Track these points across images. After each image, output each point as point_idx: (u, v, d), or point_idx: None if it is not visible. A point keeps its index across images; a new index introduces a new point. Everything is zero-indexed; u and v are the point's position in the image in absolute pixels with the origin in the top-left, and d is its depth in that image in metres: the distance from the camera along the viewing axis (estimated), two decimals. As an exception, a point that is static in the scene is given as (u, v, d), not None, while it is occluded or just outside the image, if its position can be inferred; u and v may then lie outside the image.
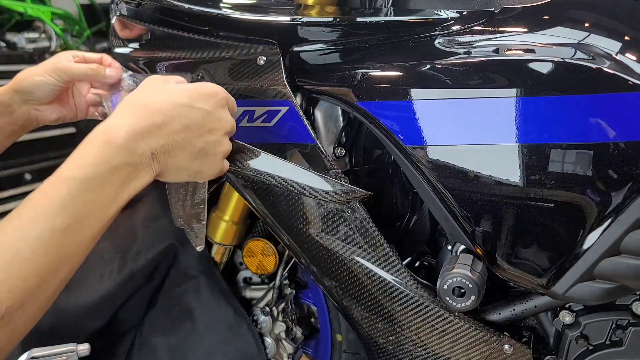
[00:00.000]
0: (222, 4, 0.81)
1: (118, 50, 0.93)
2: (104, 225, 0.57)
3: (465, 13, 0.73)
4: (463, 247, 0.79)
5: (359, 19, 0.78)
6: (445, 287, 0.75)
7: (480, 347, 0.79)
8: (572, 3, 0.72)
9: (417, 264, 1.01)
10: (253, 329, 1.01)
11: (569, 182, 0.68)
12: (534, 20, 0.70)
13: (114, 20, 0.94)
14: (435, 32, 0.73)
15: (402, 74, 0.73)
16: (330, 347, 1.05)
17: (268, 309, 1.05)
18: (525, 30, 0.70)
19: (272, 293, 1.05)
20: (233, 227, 1.01)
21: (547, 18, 0.70)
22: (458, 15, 0.73)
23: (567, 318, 0.81)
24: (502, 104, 0.68)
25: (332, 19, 0.78)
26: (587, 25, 0.69)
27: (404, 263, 0.82)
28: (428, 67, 0.71)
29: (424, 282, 0.83)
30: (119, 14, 0.92)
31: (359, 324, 0.86)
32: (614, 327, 0.79)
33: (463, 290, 0.74)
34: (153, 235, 1.00)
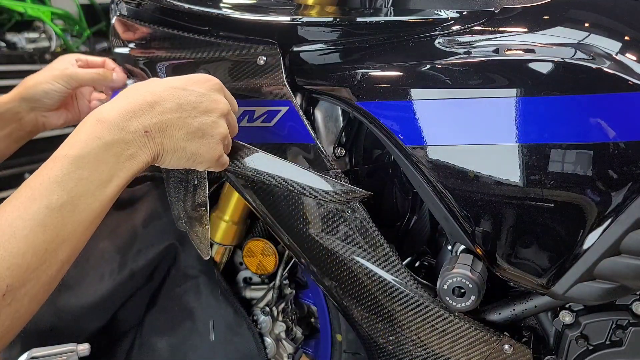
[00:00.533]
0: (222, 4, 0.81)
1: (118, 50, 0.93)
2: (103, 207, 0.57)
3: (465, 13, 0.73)
4: (463, 247, 0.79)
5: (359, 19, 0.78)
6: (445, 287, 0.75)
7: (480, 347, 0.79)
8: (572, 3, 0.72)
9: (417, 264, 1.01)
10: (253, 329, 1.01)
11: (569, 182, 0.68)
12: (534, 20, 0.70)
13: (114, 20, 0.94)
14: (435, 32, 0.73)
15: (402, 74, 0.73)
16: (330, 347, 1.05)
17: (268, 309, 1.05)
18: (525, 30, 0.70)
19: (272, 293, 1.05)
20: (233, 227, 1.01)
21: (547, 18, 0.70)
22: (458, 15, 0.73)
23: (567, 318, 0.81)
24: (502, 104, 0.68)
25: (332, 19, 0.78)
26: (587, 25, 0.69)
27: (404, 263, 0.82)
28: (428, 67, 0.71)
29: (424, 282, 0.83)
30: (119, 14, 0.92)
31: (359, 324, 0.86)
32: (614, 327, 0.79)
33: (463, 290, 0.74)
34: (153, 235, 0.99)
